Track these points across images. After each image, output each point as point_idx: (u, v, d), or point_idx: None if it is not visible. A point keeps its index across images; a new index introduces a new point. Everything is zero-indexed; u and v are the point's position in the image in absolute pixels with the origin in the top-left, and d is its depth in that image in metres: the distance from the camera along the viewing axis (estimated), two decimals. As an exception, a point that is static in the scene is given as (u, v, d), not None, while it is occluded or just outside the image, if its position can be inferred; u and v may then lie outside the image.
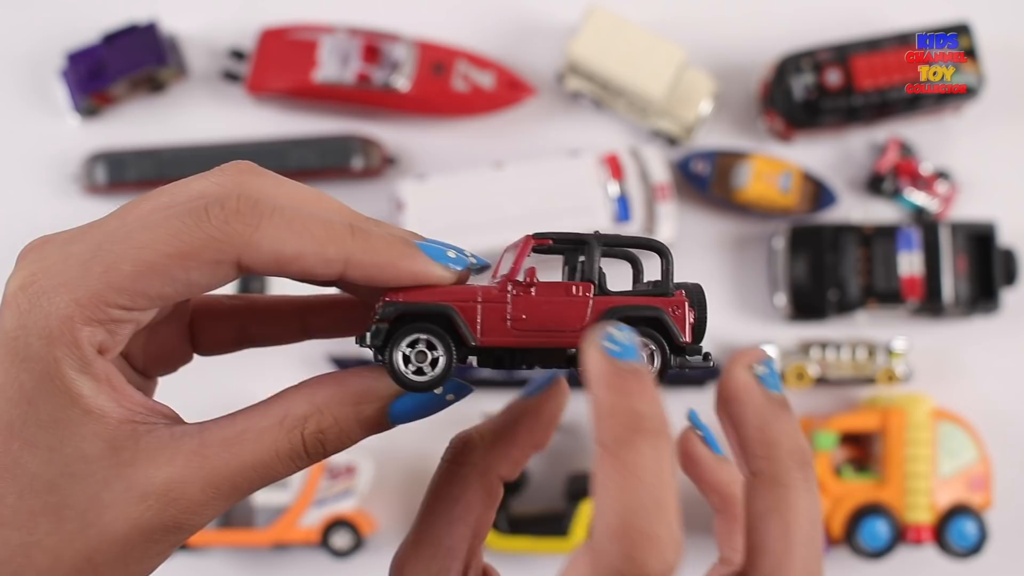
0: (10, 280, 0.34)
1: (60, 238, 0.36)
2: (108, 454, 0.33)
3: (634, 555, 0.33)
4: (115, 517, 0.32)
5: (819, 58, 1.13)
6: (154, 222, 0.34)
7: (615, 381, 0.35)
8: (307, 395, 0.36)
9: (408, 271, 0.37)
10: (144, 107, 1.21)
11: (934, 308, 1.14)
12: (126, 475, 0.33)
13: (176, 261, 0.33)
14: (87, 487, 0.32)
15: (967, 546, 1.08)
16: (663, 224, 1.13)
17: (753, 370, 0.37)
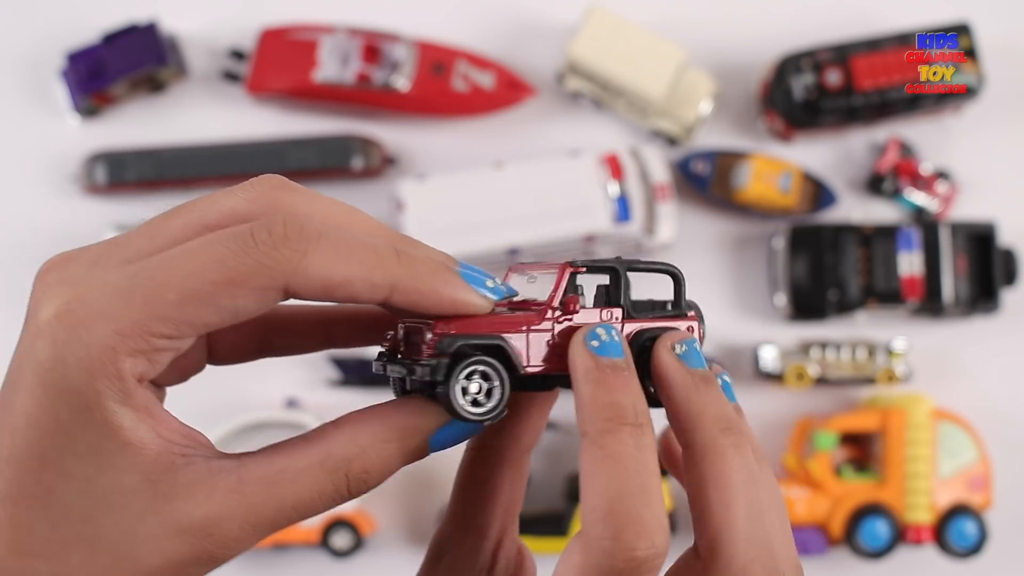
0: (40, 306, 0.33)
1: (85, 257, 0.35)
2: (145, 487, 0.32)
3: (622, 538, 0.34)
4: (150, 551, 0.32)
5: (819, 58, 1.13)
6: (196, 247, 0.33)
7: (598, 376, 0.37)
8: (349, 434, 0.36)
9: (450, 298, 0.37)
10: (144, 107, 1.21)
11: (934, 308, 1.14)
12: (163, 509, 0.32)
13: (223, 289, 0.33)
14: (122, 519, 0.32)
15: (967, 546, 1.08)
16: (663, 224, 1.13)
17: (675, 350, 0.39)
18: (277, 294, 0.34)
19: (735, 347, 1.18)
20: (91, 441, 0.31)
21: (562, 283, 0.41)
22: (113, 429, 0.32)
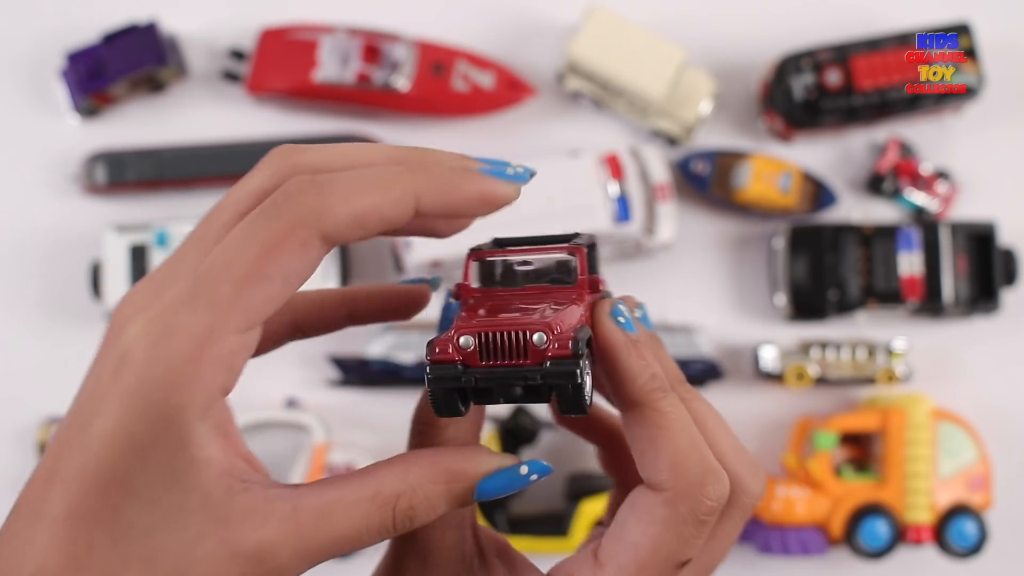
0: (118, 335, 0.34)
1: (151, 284, 0.36)
2: (205, 508, 0.33)
3: (705, 483, 0.39)
4: (205, 573, 0.32)
5: (819, 58, 1.13)
6: (232, 237, 0.35)
7: (636, 351, 0.41)
8: (400, 473, 0.36)
9: (476, 192, 0.39)
10: (144, 107, 1.21)
11: (934, 308, 1.14)
12: (219, 533, 0.33)
13: (266, 259, 0.34)
14: (181, 540, 0.32)
15: (967, 546, 1.08)
16: (663, 224, 1.13)
17: (615, 318, 0.41)
18: (317, 244, 0.35)
19: (735, 347, 1.18)
20: (162, 457, 0.32)
21: (585, 264, 0.43)
22: (185, 444, 0.32)
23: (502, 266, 0.43)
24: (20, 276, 1.19)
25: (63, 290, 1.18)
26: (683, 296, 1.19)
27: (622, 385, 0.40)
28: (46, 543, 0.32)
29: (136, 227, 1.14)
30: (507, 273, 0.43)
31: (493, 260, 0.44)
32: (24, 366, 1.18)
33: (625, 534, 0.40)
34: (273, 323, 0.44)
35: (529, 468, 0.39)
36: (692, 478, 0.39)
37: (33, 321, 1.19)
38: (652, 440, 0.40)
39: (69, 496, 0.32)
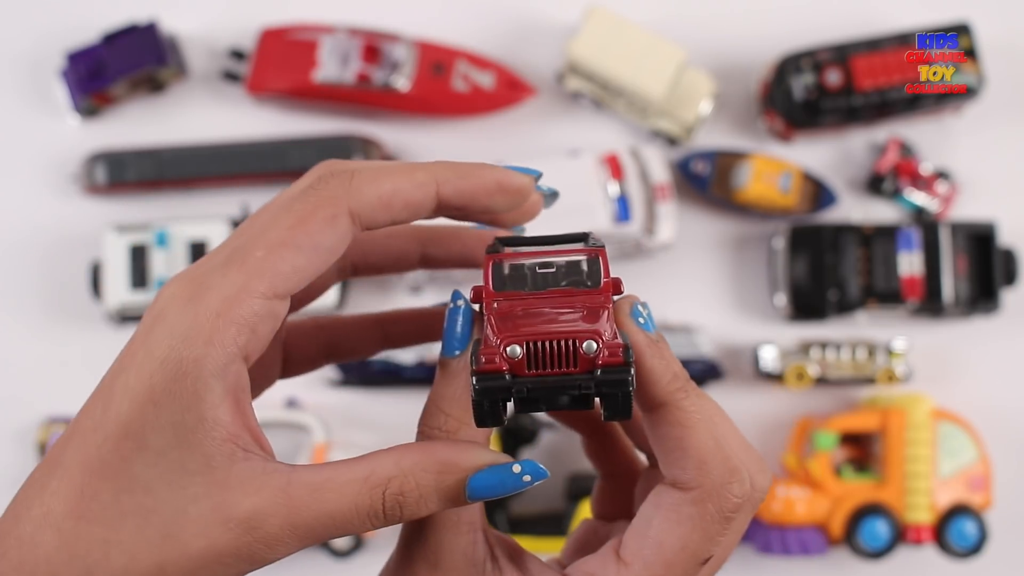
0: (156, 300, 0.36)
1: (192, 266, 0.39)
2: (204, 470, 0.34)
3: (736, 475, 0.40)
4: (195, 534, 0.33)
5: (819, 58, 1.13)
6: (267, 211, 0.39)
7: (658, 350, 0.42)
8: (394, 458, 0.37)
9: (492, 179, 0.42)
10: (144, 107, 1.21)
11: (934, 308, 1.14)
12: (214, 496, 0.33)
13: (298, 229, 0.37)
14: (178, 498, 0.33)
15: (967, 546, 1.08)
16: (663, 224, 1.13)
17: (634, 319, 0.42)
18: (345, 220, 0.38)
19: (735, 347, 1.18)
20: (175, 411, 0.33)
21: (608, 265, 0.43)
22: (198, 400, 0.33)
23: (521, 268, 0.43)
24: (20, 276, 1.19)
25: (63, 290, 1.18)
26: (683, 296, 1.18)
27: (647, 386, 0.41)
28: (55, 489, 0.34)
29: (136, 227, 1.14)
30: (526, 275, 0.43)
31: (516, 262, 0.43)
32: (24, 366, 1.18)
33: (651, 532, 0.40)
34: (309, 347, 0.47)
35: (523, 468, 0.39)
36: (719, 477, 0.40)
37: (33, 321, 1.19)
38: (679, 440, 0.40)
39: (85, 447, 0.34)
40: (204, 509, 0.33)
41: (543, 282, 0.43)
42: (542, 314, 0.40)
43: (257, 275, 0.35)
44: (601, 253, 0.43)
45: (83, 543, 0.33)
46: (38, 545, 0.33)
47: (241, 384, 0.35)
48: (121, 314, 1.13)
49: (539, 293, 0.42)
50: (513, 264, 0.43)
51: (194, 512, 0.33)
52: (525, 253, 0.44)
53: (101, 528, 0.33)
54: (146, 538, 0.33)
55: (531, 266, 0.43)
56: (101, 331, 1.16)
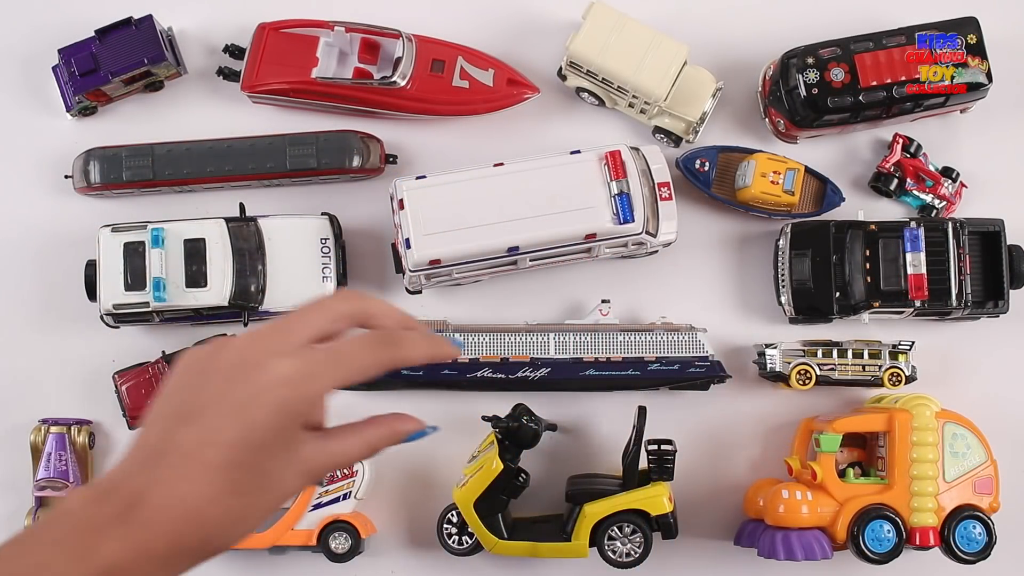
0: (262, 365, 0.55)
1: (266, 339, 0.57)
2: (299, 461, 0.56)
3: None
4: (286, 488, 0.55)
5: (823, 55, 1.11)
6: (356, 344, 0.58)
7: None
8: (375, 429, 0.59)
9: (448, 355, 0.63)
10: (141, 105, 1.20)
11: (940, 308, 1.12)
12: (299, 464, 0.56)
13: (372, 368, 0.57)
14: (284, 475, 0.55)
15: (973, 550, 1.06)
16: (665, 223, 1.12)
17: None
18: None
19: (738, 347, 1.16)
20: (290, 437, 0.54)
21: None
22: (308, 434, 0.55)
23: None
24: (13, 276, 1.18)
25: (57, 290, 1.17)
26: (685, 296, 1.17)
27: None
28: (210, 481, 0.52)
29: (131, 226, 1.12)
30: None
31: None
32: (16, 366, 1.17)
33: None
34: None
35: (430, 430, 0.60)
36: None
37: (26, 321, 1.18)
38: None
39: (231, 453, 0.53)
40: (294, 475, 0.55)
41: None
42: None
43: (342, 383, 0.56)
44: None
45: (236, 509, 0.54)
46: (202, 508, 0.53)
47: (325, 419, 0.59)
48: (115, 314, 1.11)
49: None
50: None
51: (288, 478, 0.55)
52: None
53: (238, 500, 0.53)
54: (263, 500, 0.54)
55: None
56: (95, 332, 1.14)
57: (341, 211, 1.17)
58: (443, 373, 0.80)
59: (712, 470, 1.16)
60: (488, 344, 1.00)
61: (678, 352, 0.98)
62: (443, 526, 1.11)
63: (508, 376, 0.88)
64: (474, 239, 1.07)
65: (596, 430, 1.16)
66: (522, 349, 0.95)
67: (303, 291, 1.13)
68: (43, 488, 1.13)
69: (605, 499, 1.07)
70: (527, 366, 0.89)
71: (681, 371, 1.03)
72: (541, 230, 1.08)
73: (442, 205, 1.08)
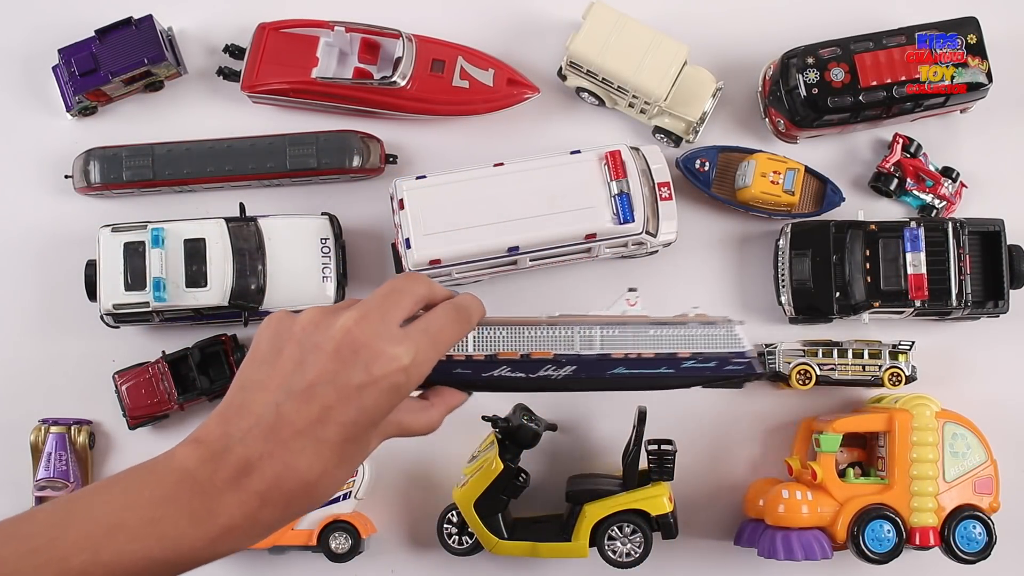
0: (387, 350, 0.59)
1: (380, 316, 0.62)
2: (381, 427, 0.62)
3: None
4: (372, 449, 0.62)
5: (824, 55, 1.11)
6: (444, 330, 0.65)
7: None
8: (439, 408, 0.68)
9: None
10: (141, 105, 1.20)
11: (940, 308, 1.12)
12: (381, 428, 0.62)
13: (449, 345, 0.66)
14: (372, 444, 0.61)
15: (974, 550, 1.06)
16: (665, 223, 1.12)
17: None
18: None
19: (738, 348, 1.16)
20: (394, 415, 0.61)
21: None
22: (404, 410, 0.62)
23: None
24: (13, 276, 1.18)
25: (57, 290, 1.17)
26: (685, 296, 1.17)
27: None
28: (327, 457, 0.57)
29: (131, 226, 1.12)
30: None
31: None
32: (17, 366, 1.17)
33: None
34: None
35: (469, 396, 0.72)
36: None
37: (26, 321, 1.18)
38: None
39: (346, 431, 0.57)
40: (377, 438, 0.62)
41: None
42: None
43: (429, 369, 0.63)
44: None
45: (341, 476, 0.59)
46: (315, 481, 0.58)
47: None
48: (115, 314, 1.11)
49: None
50: None
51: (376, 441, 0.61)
52: None
53: (343, 469, 0.59)
54: (356, 464, 0.60)
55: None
56: (95, 332, 1.14)
57: (341, 211, 1.17)
58: (455, 372, 0.75)
59: (712, 470, 1.16)
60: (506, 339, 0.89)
61: (714, 347, 0.89)
62: (443, 526, 1.11)
63: (528, 375, 0.80)
64: (474, 239, 1.08)
65: (596, 430, 1.16)
66: (544, 344, 0.85)
67: (303, 291, 1.13)
68: (43, 488, 1.13)
69: (605, 499, 1.07)
70: (550, 364, 0.80)
71: (718, 368, 0.93)
72: (541, 230, 1.08)
73: (442, 205, 1.08)
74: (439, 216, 1.08)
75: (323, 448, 0.57)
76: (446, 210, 1.08)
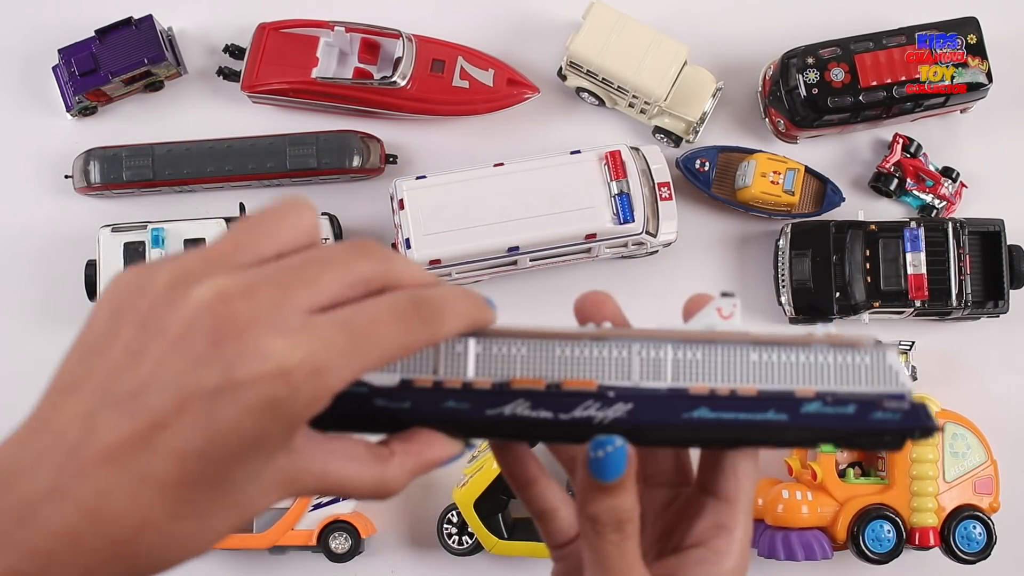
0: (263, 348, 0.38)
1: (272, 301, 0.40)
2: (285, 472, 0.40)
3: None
4: (262, 502, 0.39)
5: (823, 55, 1.11)
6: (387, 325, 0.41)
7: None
8: (399, 464, 0.43)
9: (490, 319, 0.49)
10: (141, 105, 1.20)
11: (940, 308, 1.12)
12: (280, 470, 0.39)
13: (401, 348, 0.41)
14: (257, 488, 0.39)
15: (974, 550, 1.06)
16: (665, 223, 1.12)
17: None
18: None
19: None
20: (277, 448, 0.38)
21: None
22: (292, 441, 0.38)
23: None
24: (13, 276, 1.18)
25: (57, 290, 1.17)
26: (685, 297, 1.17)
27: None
28: (150, 503, 0.36)
29: (131, 226, 1.12)
30: None
31: None
32: (16, 368, 1.17)
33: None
34: None
35: (467, 448, 0.45)
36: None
37: (26, 322, 1.17)
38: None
39: (185, 466, 0.36)
40: (271, 486, 0.39)
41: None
42: None
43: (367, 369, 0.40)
44: None
45: (181, 533, 0.37)
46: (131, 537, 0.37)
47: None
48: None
49: None
50: None
51: (265, 490, 0.39)
52: None
53: (195, 522, 0.37)
54: (230, 520, 0.39)
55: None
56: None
57: (341, 211, 1.17)
58: (445, 408, 0.48)
59: (712, 470, 1.16)
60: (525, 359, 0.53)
61: (854, 383, 0.51)
62: (443, 526, 1.11)
63: (558, 415, 0.49)
64: (474, 239, 1.08)
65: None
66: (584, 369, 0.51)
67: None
68: (43, 488, 1.12)
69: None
70: (592, 399, 0.49)
71: (860, 417, 0.51)
72: (541, 230, 1.08)
73: (442, 205, 1.08)
74: (439, 216, 1.08)
75: (145, 488, 0.36)
76: (446, 210, 1.08)
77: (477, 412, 0.47)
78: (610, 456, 0.42)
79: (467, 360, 0.48)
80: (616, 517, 0.42)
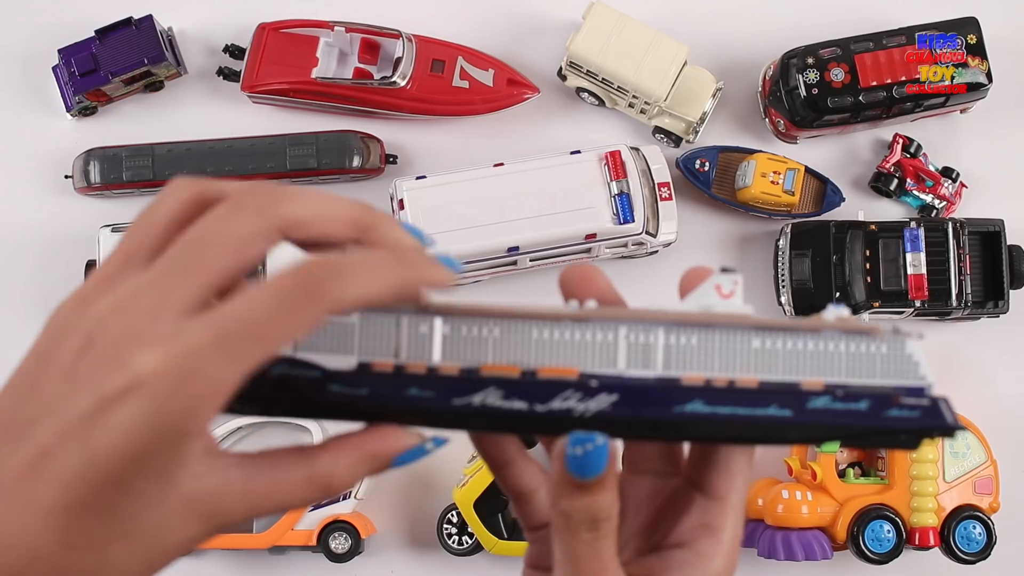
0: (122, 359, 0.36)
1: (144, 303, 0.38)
2: (185, 497, 0.37)
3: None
4: (171, 533, 0.37)
5: (824, 55, 1.11)
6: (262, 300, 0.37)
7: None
8: (331, 457, 0.39)
9: (434, 279, 0.43)
10: (141, 105, 1.20)
11: (940, 309, 1.12)
12: (180, 497, 0.37)
13: (287, 329, 0.36)
14: (156, 516, 0.37)
15: (974, 550, 1.06)
16: (665, 223, 1.12)
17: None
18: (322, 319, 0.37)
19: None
20: (163, 467, 0.36)
21: None
22: (185, 458, 0.36)
23: None
24: (13, 276, 1.18)
25: (57, 290, 1.16)
26: (685, 296, 1.17)
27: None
28: (39, 531, 0.35)
29: (131, 226, 1.12)
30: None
31: None
32: (17, 367, 1.17)
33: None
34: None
35: (433, 444, 0.41)
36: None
37: (25, 323, 1.17)
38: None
39: (68, 492, 0.35)
40: (175, 515, 0.37)
41: None
42: None
43: (246, 367, 0.36)
44: None
45: (79, 565, 0.36)
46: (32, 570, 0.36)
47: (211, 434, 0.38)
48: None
49: None
50: None
51: (170, 520, 0.37)
52: None
53: (91, 554, 0.36)
54: (133, 554, 0.37)
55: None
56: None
57: (341, 211, 1.17)
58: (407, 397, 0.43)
59: (712, 470, 1.16)
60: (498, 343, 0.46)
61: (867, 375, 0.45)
62: (443, 526, 1.11)
63: (534, 407, 0.43)
64: (474, 239, 1.08)
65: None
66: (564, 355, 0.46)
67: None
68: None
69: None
70: (572, 389, 0.44)
71: (874, 413, 0.46)
72: (541, 230, 1.08)
73: (442, 205, 1.08)
74: (439, 216, 1.08)
75: (32, 516, 0.35)
76: (446, 210, 1.08)
77: (443, 401, 0.42)
78: (589, 455, 0.38)
79: (432, 342, 0.42)
80: (592, 516, 0.39)
